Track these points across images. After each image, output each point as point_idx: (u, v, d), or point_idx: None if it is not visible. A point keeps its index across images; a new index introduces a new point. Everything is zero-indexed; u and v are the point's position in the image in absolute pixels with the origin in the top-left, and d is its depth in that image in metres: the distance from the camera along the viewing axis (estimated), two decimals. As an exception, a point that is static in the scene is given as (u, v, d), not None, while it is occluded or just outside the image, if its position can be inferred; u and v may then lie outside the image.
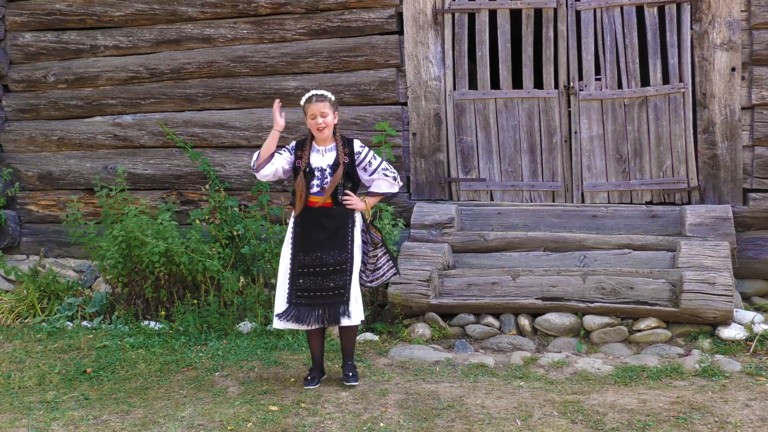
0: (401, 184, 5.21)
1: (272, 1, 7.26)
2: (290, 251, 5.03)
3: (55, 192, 7.98)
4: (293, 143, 5.14)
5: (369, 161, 5.05)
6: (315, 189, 4.96)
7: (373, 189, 5.10)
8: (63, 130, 7.91)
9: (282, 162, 5.06)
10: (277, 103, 5.13)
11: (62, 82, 7.87)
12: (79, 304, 7.07)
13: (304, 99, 5.00)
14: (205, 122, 7.52)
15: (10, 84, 8.03)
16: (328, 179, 4.94)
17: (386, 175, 5.07)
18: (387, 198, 5.36)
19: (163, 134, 7.55)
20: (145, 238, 6.46)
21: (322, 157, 5.00)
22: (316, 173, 4.97)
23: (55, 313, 7.01)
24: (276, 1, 7.25)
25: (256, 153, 5.07)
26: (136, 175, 7.65)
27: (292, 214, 5.07)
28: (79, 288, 7.43)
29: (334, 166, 4.95)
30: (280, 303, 5.02)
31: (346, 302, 4.95)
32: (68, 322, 6.83)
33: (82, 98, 7.84)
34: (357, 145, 5.08)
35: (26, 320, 7.02)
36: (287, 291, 5.00)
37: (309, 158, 4.99)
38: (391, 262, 5.17)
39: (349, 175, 5.00)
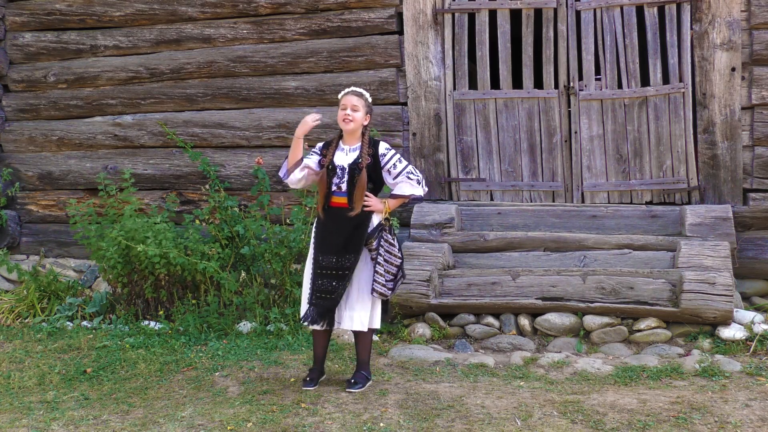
0: (426, 188, 5.05)
1: (272, 1, 7.26)
2: (312, 252, 5.02)
3: (55, 192, 7.99)
4: (321, 143, 5.10)
5: (394, 164, 4.94)
6: (333, 188, 4.93)
7: (395, 191, 4.98)
8: (63, 130, 7.91)
9: (311, 163, 5.00)
10: (314, 115, 5.01)
11: (62, 82, 7.87)
12: (79, 304, 7.07)
13: (342, 93, 4.98)
14: (205, 122, 7.51)
15: (10, 84, 8.03)
16: (346, 178, 4.90)
17: (409, 178, 4.93)
18: (411, 202, 5.28)
19: (163, 134, 7.55)
20: (144, 240, 6.46)
21: (346, 156, 4.94)
22: (338, 171, 4.93)
23: (55, 313, 7.01)
24: (276, 1, 7.25)
25: (284, 163, 5.04)
26: (136, 175, 7.64)
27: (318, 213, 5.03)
28: (79, 288, 7.42)
29: (354, 166, 4.89)
30: (304, 304, 5.03)
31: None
32: (68, 322, 6.83)
33: (82, 98, 7.84)
34: (382, 147, 4.98)
35: (26, 320, 7.02)
36: (309, 292, 4.99)
37: (333, 156, 4.96)
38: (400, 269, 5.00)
39: (370, 177, 4.92)
